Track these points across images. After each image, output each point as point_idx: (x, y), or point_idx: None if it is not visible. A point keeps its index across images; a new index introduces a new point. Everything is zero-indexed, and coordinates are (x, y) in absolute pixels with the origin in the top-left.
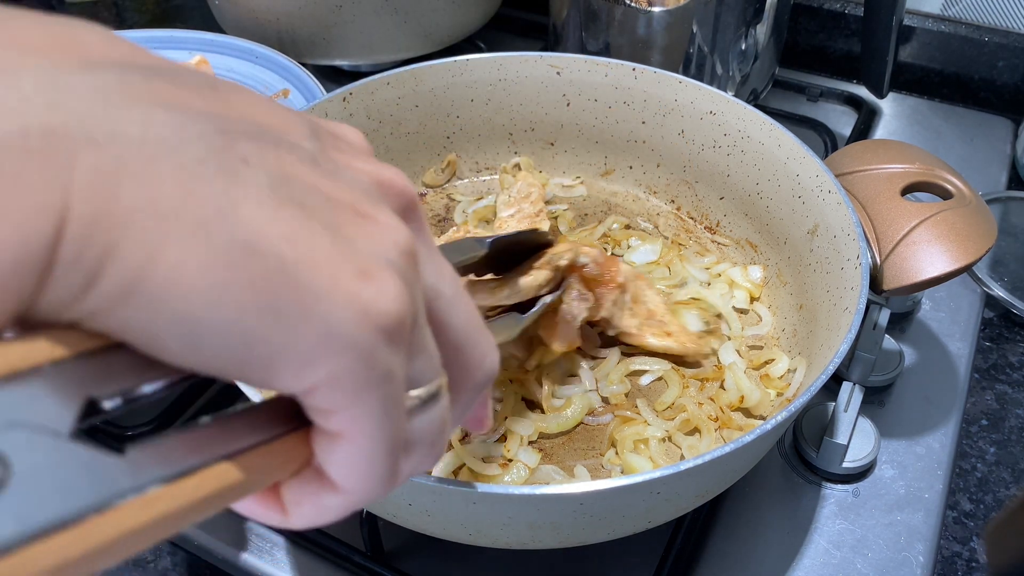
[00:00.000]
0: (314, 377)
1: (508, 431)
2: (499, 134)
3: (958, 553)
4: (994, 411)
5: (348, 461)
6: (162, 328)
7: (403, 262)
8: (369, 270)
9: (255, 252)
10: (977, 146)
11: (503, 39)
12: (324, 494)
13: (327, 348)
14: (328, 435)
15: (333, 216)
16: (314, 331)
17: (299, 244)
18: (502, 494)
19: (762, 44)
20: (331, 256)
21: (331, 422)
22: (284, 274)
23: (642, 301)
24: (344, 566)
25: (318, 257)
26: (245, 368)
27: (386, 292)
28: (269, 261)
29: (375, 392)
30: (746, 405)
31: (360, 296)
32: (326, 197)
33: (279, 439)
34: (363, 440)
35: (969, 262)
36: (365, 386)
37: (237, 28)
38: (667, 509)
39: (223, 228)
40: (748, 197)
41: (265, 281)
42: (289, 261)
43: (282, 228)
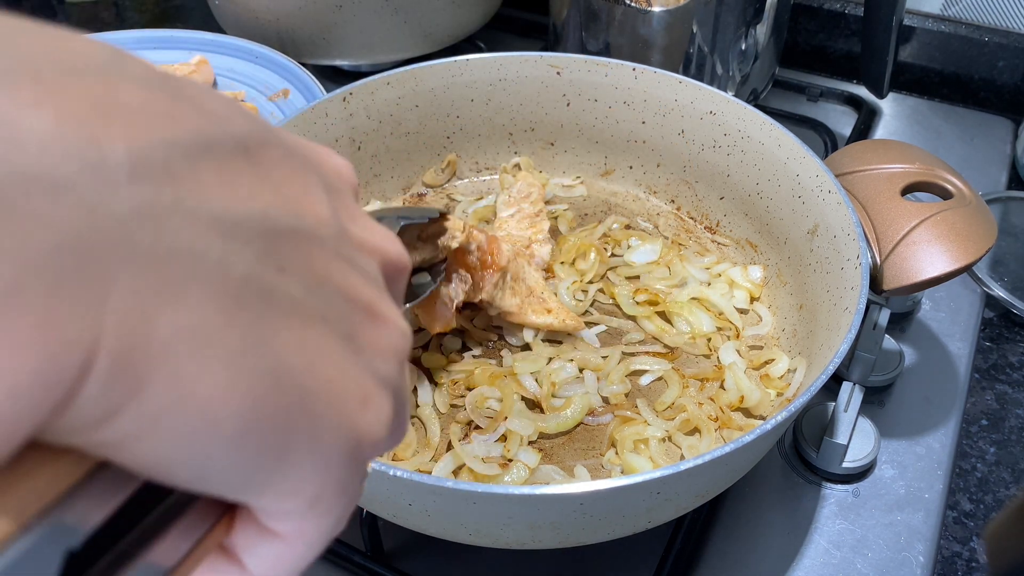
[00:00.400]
0: (296, 501)
1: (508, 431)
2: (499, 134)
3: (958, 553)
4: (994, 411)
5: (275, 559)
6: (182, 458)
7: (398, 375)
8: (370, 396)
9: (283, 386)
10: (977, 146)
11: (503, 39)
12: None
13: (316, 478)
14: (261, 530)
15: (350, 323)
16: (311, 464)
17: (318, 372)
18: (502, 494)
19: (762, 44)
20: (342, 382)
21: (274, 523)
22: (302, 407)
23: (521, 279)
24: (344, 566)
25: (331, 384)
26: (236, 489)
27: (381, 420)
28: (293, 395)
29: (336, 508)
30: (746, 405)
31: (358, 427)
32: (346, 298)
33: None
34: (301, 547)
35: (969, 262)
36: (330, 507)
37: (237, 28)
38: (667, 509)
39: (259, 362)
40: (748, 197)
41: (288, 415)
42: (309, 393)
43: (307, 354)
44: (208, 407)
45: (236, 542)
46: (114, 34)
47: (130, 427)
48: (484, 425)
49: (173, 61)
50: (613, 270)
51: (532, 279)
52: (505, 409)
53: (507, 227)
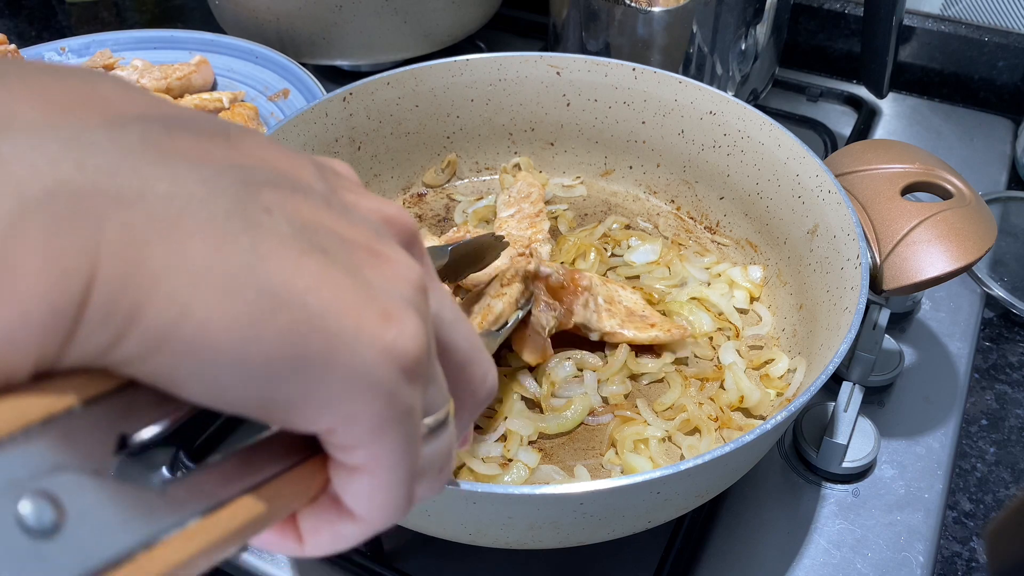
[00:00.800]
0: (335, 418)
1: (508, 431)
2: (499, 134)
3: (958, 553)
4: (994, 411)
5: (367, 493)
6: (188, 377)
7: (418, 298)
8: (391, 311)
9: (283, 304)
10: (977, 146)
11: (503, 39)
12: (341, 523)
13: (351, 390)
14: (347, 468)
15: (351, 258)
16: (339, 375)
17: (323, 291)
18: (502, 494)
19: (762, 44)
20: (354, 300)
21: (351, 457)
22: (310, 323)
23: (617, 301)
24: (344, 566)
25: (342, 303)
26: (268, 410)
27: (407, 332)
28: (296, 312)
29: (396, 429)
30: (746, 405)
31: (384, 338)
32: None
33: (297, 468)
34: (383, 473)
35: (969, 262)
36: (387, 423)
37: (237, 28)
38: (667, 509)
39: (251, 282)
40: (748, 197)
41: (292, 331)
42: (315, 310)
43: (307, 277)
44: (205, 327)
45: (335, 488)
46: (114, 34)
47: (136, 348)
48: (484, 425)
49: (173, 61)
50: (613, 270)
51: (628, 300)
52: (505, 409)
53: (507, 227)
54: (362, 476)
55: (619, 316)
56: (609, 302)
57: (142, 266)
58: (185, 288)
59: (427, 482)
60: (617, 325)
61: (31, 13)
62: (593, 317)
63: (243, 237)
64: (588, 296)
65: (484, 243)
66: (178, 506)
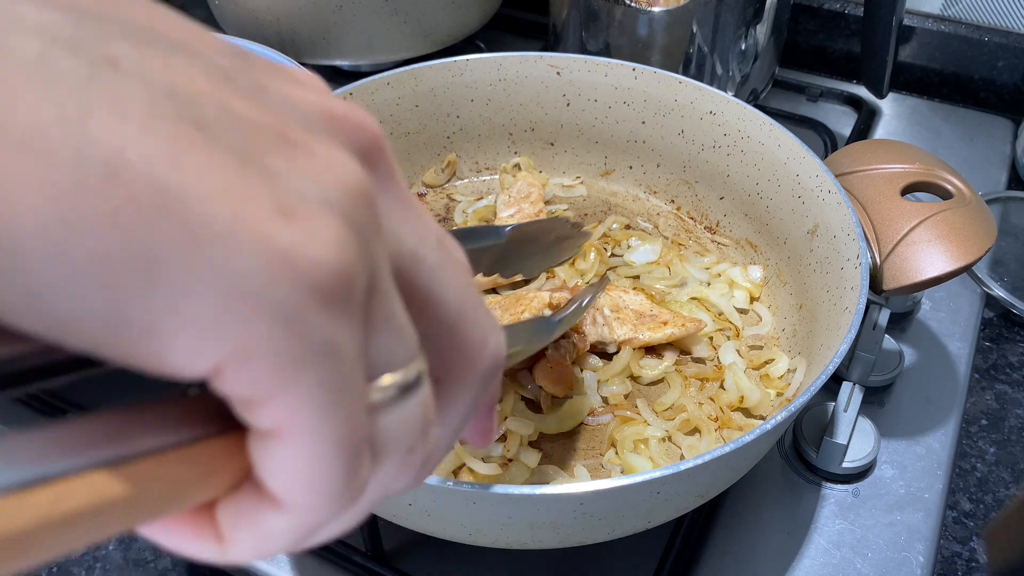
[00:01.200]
0: (217, 352)
1: (508, 431)
2: (499, 134)
3: (958, 553)
4: (994, 411)
5: (287, 466)
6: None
7: (351, 205)
8: (294, 208)
9: (116, 176)
10: (977, 146)
11: (503, 39)
12: (264, 514)
13: (231, 308)
14: (261, 435)
15: (246, 140)
16: (210, 283)
17: (184, 167)
18: (502, 494)
19: (762, 44)
20: (236, 186)
21: (260, 416)
22: (162, 206)
23: (623, 307)
24: (344, 566)
25: (214, 185)
26: (119, 340)
27: (318, 236)
28: (138, 187)
29: (311, 371)
30: (746, 405)
31: (277, 239)
32: (237, 117)
33: (202, 442)
34: (303, 437)
35: (969, 262)
36: (295, 363)
37: (237, 28)
38: (667, 509)
39: (67, 143)
40: (748, 197)
41: (133, 214)
42: (171, 188)
43: (159, 147)
44: (2, 203)
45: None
46: None
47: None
48: None
49: None
50: (613, 270)
51: (634, 303)
52: (505, 409)
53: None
54: (278, 443)
55: (629, 321)
56: (616, 310)
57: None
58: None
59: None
60: (630, 331)
61: None
62: (605, 331)
63: (62, 87)
64: (594, 312)
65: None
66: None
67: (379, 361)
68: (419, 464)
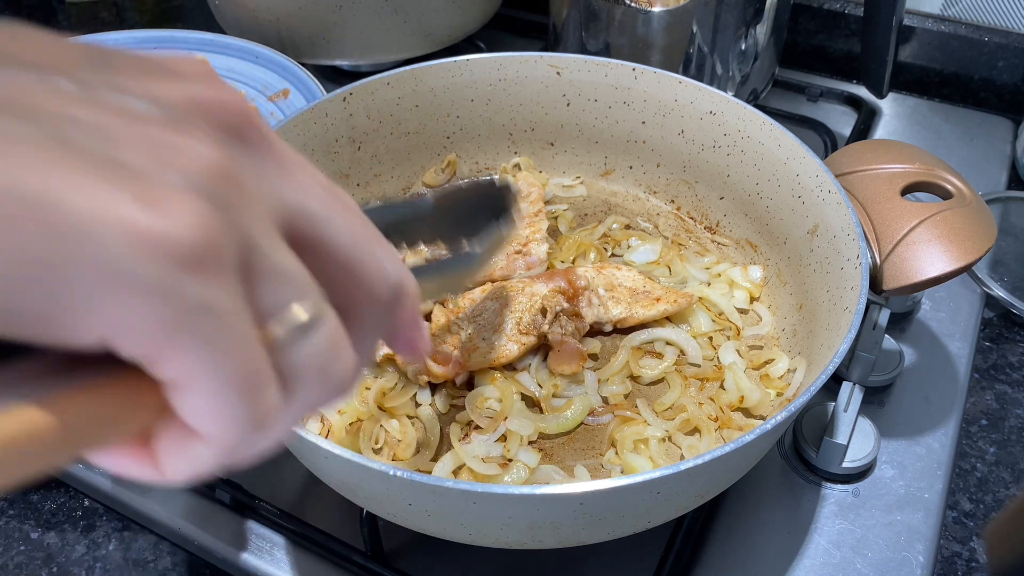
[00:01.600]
0: (103, 327)
1: (508, 431)
2: (499, 134)
3: (958, 553)
4: (994, 411)
5: (195, 407)
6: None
7: (212, 183)
8: (153, 195)
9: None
10: (977, 146)
11: (503, 39)
12: (189, 443)
13: (107, 290)
14: (168, 384)
15: (105, 144)
16: (87, 273)
17: (45, 178)
18: (502, 494)
19: (762, 44)
20: (95, 185)
21: (160, 370)
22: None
23: (617, 285)
24: (344, 566)
25: (76, 189)
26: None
27: (177, 215)
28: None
29: (192, 331)
30: (746, 405)
31: (137, 224)
32: (94, 127)
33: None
34: (199, 383)
35: (969, 262)
36: (176, 327)
37: (237, 28)
38: (667, 509)
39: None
40: (748, 197)
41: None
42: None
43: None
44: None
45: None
46: (114, 34)
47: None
48: (484, 425)
49: None
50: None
51: (628, 280)
52: (505, 409)
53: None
54: (182, 391)
55: (624, 300)
56: (610, 289)
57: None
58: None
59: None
60: (625, 310)
61: (31, 13)
62: (601, 311)
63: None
64: (589, 294)
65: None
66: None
67: (272, 305)
68: (337, 382)
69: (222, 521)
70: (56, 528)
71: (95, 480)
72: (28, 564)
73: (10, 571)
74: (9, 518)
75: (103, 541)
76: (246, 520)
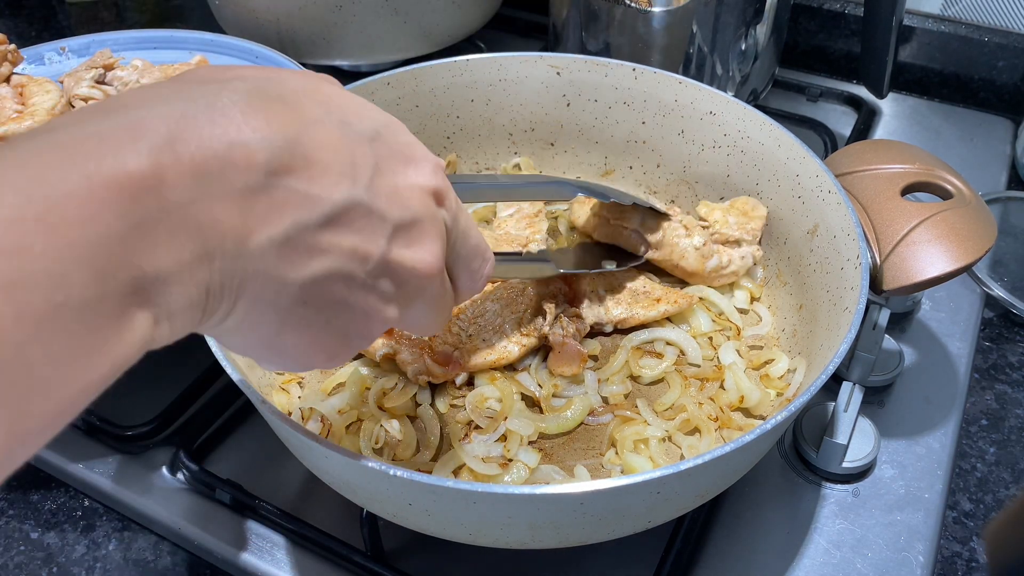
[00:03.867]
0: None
1: (508, 431)
2: (499, 134)
3: (958, 553)
4: (994, 411)
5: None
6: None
7: (368, 341)
8: (335, 354)
9: (278, 352)
10: (977, 146)
11: (503, 39)
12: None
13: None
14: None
15: (346, 327)
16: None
17: (304, 348)
18: (502, 494)
19: (762, 44)
20: (323, 352)
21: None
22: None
23: (617, 286)
24: (344, 566)
25: (313, 352)
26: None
27: (334, 363)
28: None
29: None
30: (746, 405)
31: (312, 365)
32: (350, 314)
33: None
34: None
35: (969, 262)
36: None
37: (237, 28)
38: (667, 509)
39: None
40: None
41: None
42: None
43: (302, 339)
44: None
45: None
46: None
47: (214, 332)
48: (484, 425)
49: (173, 61)
50: None
51: (629, 281)
52: (505, 409)
53: (506, 227)
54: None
55: (624, 301)
56: (611, 289)
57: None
58: (236, 337)
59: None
60: (625, 310)
61: (31, 13)
62: (601, 312)
63: (274, 323)
64: (590, 294)
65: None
66: None
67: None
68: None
69: (222, 521)
70: (56, 528)
71: (95, 480)
72: (28, 564)
73: (10, 571)
74: (9, 518)
75: (103, 541)
76: (246, 520)
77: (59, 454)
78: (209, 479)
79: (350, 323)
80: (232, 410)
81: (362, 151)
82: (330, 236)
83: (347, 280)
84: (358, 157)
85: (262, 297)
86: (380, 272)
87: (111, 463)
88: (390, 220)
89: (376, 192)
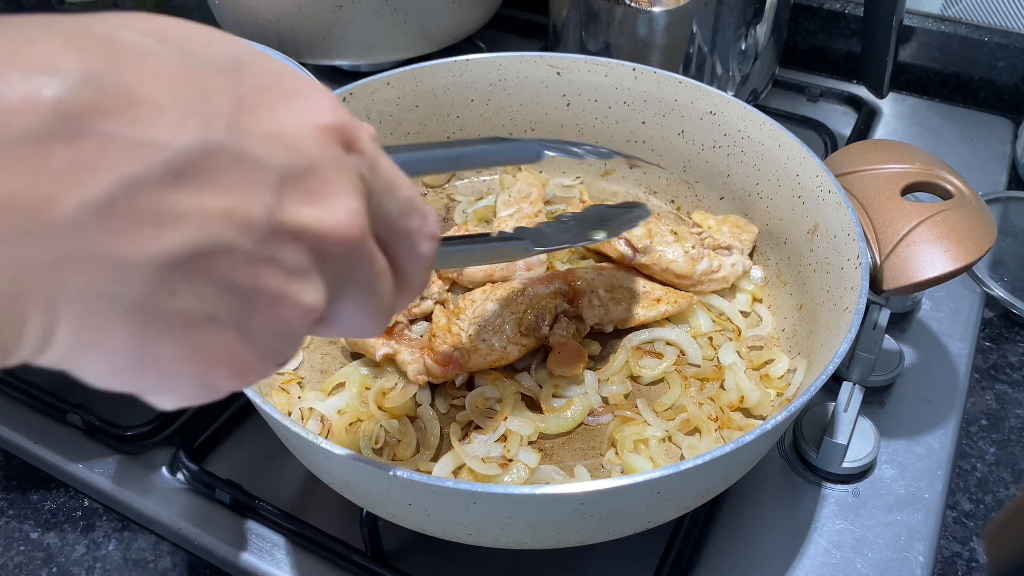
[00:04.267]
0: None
1: (508, 431)
2: (499, 134)
3: (958, 553)
4: (994, 411)
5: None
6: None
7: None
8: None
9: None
10: (977, 146)
11: (503, 39)
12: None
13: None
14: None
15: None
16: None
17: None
18: (502, 494)
19: (762, 44)
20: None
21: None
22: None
23: (618, 286)
24: (344, 566)
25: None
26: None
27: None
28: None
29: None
30: (746, 405)
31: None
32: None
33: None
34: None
35: (969, 262)
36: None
37: (237, 28)
38: (667, 509)
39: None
40: (748, 197)
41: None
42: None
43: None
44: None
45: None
46: None
47: (56, 359)
48: (484, 425)
49: None
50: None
51: (629, 281)
52: (505, 409)
53: (506, 227)
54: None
55: (624, 301)
56: (611, 290)
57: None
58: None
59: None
60: (625, 310)
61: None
62: (601, 312)
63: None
64: (590, 295)
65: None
66: None
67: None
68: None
69: (222, 521)
70: (56, 528)
71: (95, 480)
72: (28, 564)
73: (10, 571)
74: (9, 518)
75: (103, 541)
76: (246, 520)
77: (59, 454)
78: (209, 479)
79: (251, 317)
80: (232, 410)
81: (217, 83)
82: (184, 195)
83: (228, 255)
84: (212, 91)
85: (95, 291)
86: (276, 240)
87: (111, 463)
88: (272, 169)
89: (245, 133)
